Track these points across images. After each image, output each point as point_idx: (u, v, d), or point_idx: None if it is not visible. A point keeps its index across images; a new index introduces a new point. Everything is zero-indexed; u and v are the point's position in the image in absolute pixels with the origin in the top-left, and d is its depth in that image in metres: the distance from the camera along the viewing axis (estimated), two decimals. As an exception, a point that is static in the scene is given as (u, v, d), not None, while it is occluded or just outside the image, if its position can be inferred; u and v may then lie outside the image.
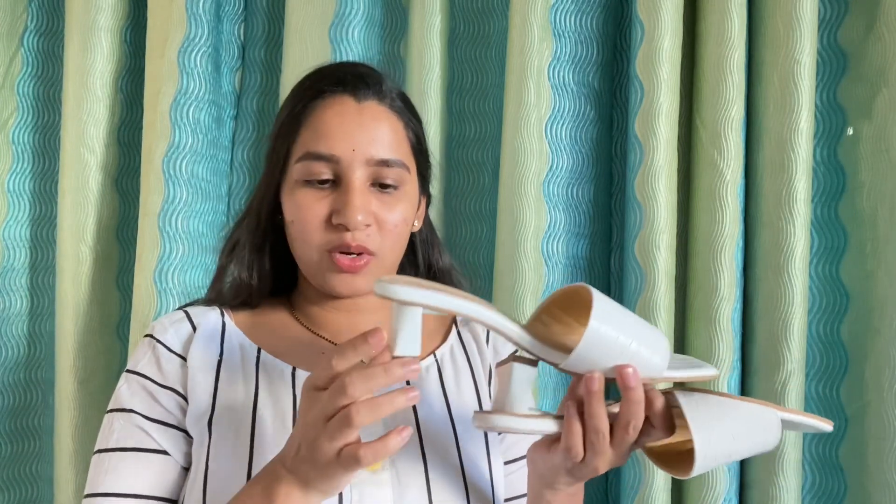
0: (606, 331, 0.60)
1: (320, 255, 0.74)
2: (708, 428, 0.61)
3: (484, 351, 0.82)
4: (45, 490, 1.21)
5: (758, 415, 0.65)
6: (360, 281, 0.74)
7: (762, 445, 0.65)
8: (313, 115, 0.74)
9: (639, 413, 0.61)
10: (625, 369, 0.60)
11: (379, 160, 0.73)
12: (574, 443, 0.62)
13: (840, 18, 1.02)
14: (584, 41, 1.09)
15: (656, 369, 0.62)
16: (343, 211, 0.71)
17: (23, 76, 1.21)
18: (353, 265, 0.73)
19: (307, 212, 0.73)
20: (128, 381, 0.73)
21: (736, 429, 0.63)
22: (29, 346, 1.21)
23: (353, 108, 0.74)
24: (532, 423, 0.64)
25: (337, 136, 0.73)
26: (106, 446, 0.71)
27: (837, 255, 1.02)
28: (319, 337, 0.78)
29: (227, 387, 0.72)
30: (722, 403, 0.64)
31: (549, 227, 1.07)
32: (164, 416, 0.71)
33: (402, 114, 0.77)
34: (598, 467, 0.64)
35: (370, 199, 0.73)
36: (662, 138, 0.99)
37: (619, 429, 0.62)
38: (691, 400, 0.63)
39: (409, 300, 0.58)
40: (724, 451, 0.62)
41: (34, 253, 1.22)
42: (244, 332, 0.77)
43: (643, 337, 0.62)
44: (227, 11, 1.18)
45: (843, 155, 1.02)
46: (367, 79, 0.76)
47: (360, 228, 0.72)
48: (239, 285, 0.80)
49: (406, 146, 0.77)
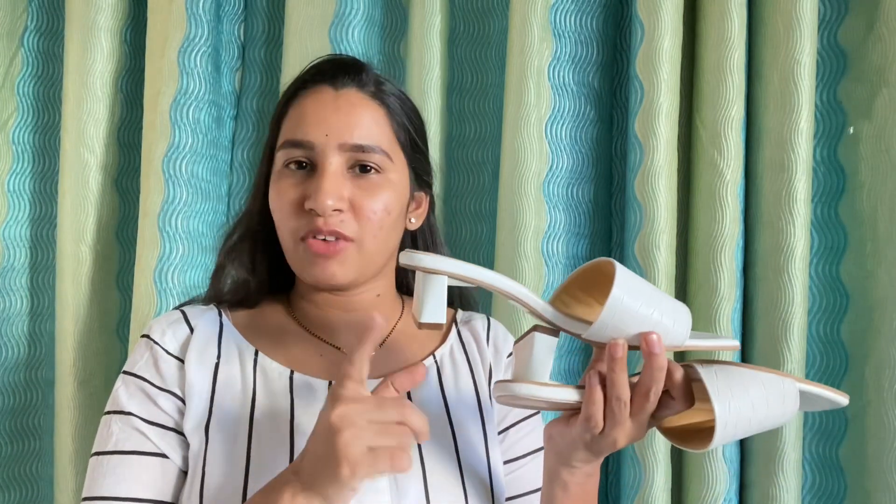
0: (629, 300, 0.61)
1: (295, 242, 0.73)
2: (727, 396, 0.62)
3: (484, 350, 0.82)
4: (46, 490, 1.21)
5: (777, 384, 0.65)
6: (335, 266, 0.72)
7: (780, 416, 0.65)
8: (294, 106, 0.75)
9: (660, 380, 0.61)
10: (649, 335, 0.61)
11: (353, 145, 0.72)
12: (594, 412, 0.62)
13: (840, 18, 1.02)
14: (584, 41, 1.09)
15: (678, 338, 0.63)
16: (313, 196, 0.71)
17: (23, 76, 1.21)
18: (327, 248, 0.72)
19: (283, 198, 0.73)
20: (125, 384, 0.73)
21: (755, 398, 0.63)
22: (29, 347, 1.21)
23: (330, 96, 0.74)
24: (553, 392, 0.64)
25: (312, 122, 0.73)
26: (104, 449, 0.70)
27: (837, 255, 1.02)
28: (317, 337, 0.78)
29: (225, 390, 0.72)
30: (741, 373, 0.64)
31: (549, 227, 1.07)
32: (162, 419, 0.71)
33: (384, 103, 0.76)
34: (616, 439, 0.63)
35: (344, 183, 0.72)
36: (662, 138, 0.99)
37: (638, 396, 0.62)
38: (710, 370, 0.64)
39: (435, 268, 0.61)
40: (744, 420, 0.62)
41: (34, 253, 1.22)
42: (242, 333, 0.77)
43: (665, 307, 0.63)
44: (227, 11, 1.18)
45: (843, 155, 1.02)
46: (348, 68, 0.76)
47: (331, 213, 0.71)
48: (237, 284, 0.80)
49: (388, 134, 0.75)
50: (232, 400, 0.71)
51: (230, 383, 0.72)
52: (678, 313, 0.64)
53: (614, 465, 1.09)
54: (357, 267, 0.74)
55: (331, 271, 0.72)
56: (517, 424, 0.79)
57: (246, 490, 0.66)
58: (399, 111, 0.77)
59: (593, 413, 0.63)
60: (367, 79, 0.76)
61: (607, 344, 0.62)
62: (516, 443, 0.79)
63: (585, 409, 0.63)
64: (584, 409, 0.63)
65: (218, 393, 0.71)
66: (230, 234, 0.81)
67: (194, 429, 0.70)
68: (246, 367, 0.74)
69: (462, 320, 0.85)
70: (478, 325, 0.84)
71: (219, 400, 0.71)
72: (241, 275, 0.79)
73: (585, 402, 0.63)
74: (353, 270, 0.74)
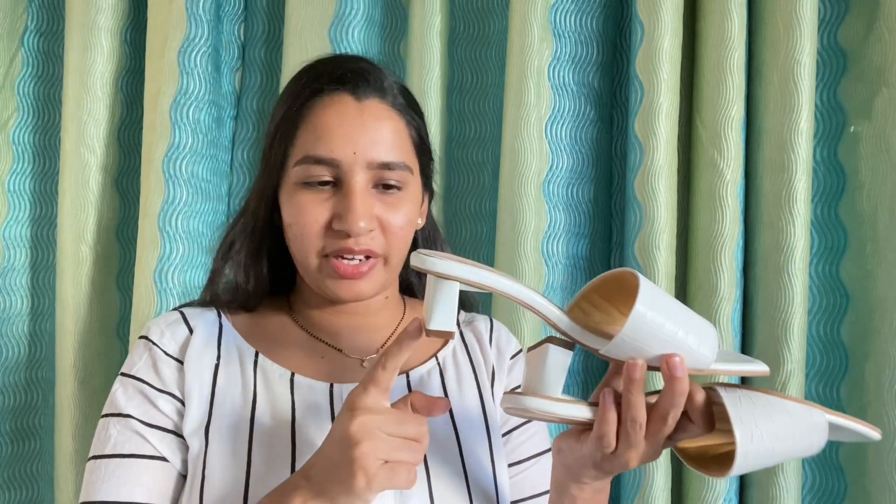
0: (653, 316, 0.58)
1: (320, 259, 0.72)
2: (750, 425, 0.58)
3: (487, 351, 0.81)
4: (46, 490, 1.21)
5: (804, 415, 0.61)
6: (364, 285, 0.72)
7: (806, 449, 0.61)
8: (312, 116, 0.71)
9: (680, 404, 0.58)
10: (672, 358, 0.57)
11: (381, 163, 0.70)
12: (607, 431, 0.60)
13: (840, 18, 1.02)
14: (584, 41, 1.09)
15: (704, 361, 0.60)
16: (345, 217, 0.69)
17: (23, 76, 1.21)
18: (357, 271, 0.70)
19: (307, 216, 0.70)
20: (123, 385, 0.71)
21: (780, 428, 0.59)
22: (29, 346, 1.21)
23: (354, 108, 0.71)
24: (565, 409, 0.61)
25: (337, 139, 0.70)
26: (102, 452, 0.69)
27: (837, 255, 1.02)
28: (318, 340, 0.77)
29: (225, 392, 0.71)
30: (767, 401, 0.60)
31: (549, 227, 1.07)
32: (162, 422, 0.70)
33: (404, 112, 0.74)
34: (629, 461, 0.61)
35: (372, 202, 0.71)
36: (662, 138, 0.99)
37: (656, 419, 0.59)
38: (734, 395, 0.60)
39: (448, 274, 0.58)
40: (766, 450, 0.59)
41: (34, 253, 1.22)
42: (242, 334, 0.76)
43: (691, 325, 0.59)
44: (227, 11, 1.18)
45: (843, 155, 1.02)
46: (368, 75, 0.73)
47: (363, 234, 0.70)
48: (235, 288, 0.78)
49: (409, 146, 0.74)
50: (232, 402, 0.70)
51: (230, 385, 0.71)
52: (704, 333, 0.60)
53: (614, 464, 1.09)
54: (383, 281, 0.74)
55: (358, 290, 0.72)
56: (521, 427, 0.79)
57: (247, 494, 0.65)
58: (412, 115, 0.75)
59: (606, 433, 0.60)
60: (388, 86, 0.74)
61: (625, 363, 0.59)
62: (520, 445, 0.78)
63: (598, 428, 0.60)
64: (596, 429, 0.61)
65: (217, 395, 0.71)
66: (226, 237, 0.79)
67: (194, 431, 0.69)
68: (246, 368, 0.73)
69: (464, 321, 0.84)
70: (480, 326, 0.83)
71: (218, 402, 0.70)
72: (240, 279, 0.78)
73: (598, 422, 0.60)
74: (380, 285, 0.73)
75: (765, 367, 0.63)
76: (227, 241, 0.79)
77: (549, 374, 0.61)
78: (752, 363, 0.63)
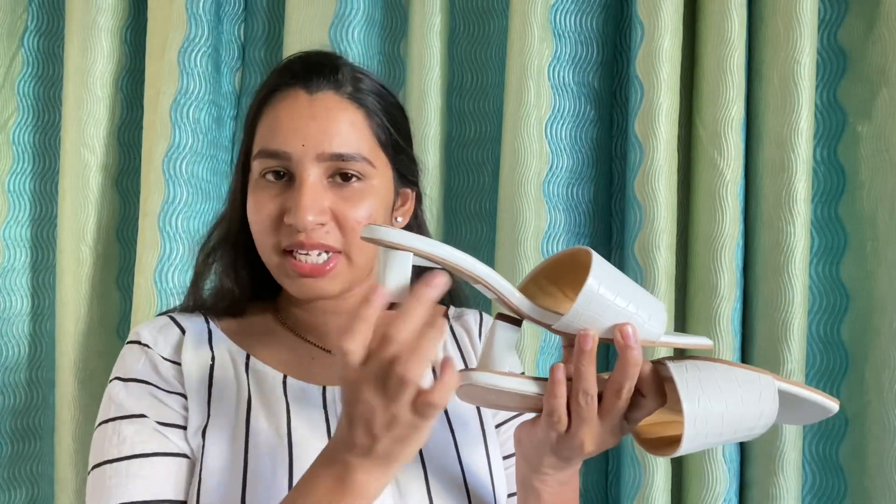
0: (604, 290, 0.58)
1: (278, 257, 0.70)
2: (696, 391, 0.58)
3: (476, 344, 0.81)
4: (46, 490, 1.21)
5: (752, 380, 0.61)
6: (325, 283, 0.70)
7: (757, 417, 0.60)
8: (268, 111, 0.71)
9: (634, 375, 0.58)
10: (624, 327, 0.58)
11: (332, 154, 0.69)
12: (556, 406, 0.59)
13: (840, 18, 1.02)
14: (584, 41, 1.09)
15: (653, 335, 0.60)
16: (293, 211, 0.67)
17: (23, 76, 1.21)
18: (316, 269, 0.68)
19: (261, 211, 0.70)
20: (127, 389, 0.70)
21: (728, 394, 0.59)
22: (30, 346, 1.21)
23: (305, 101, 0.70)
24: (513, 382, 0.61)
25: (287, 131, 0.69)
26: (119, 455, 0.66)
27: (837, 255, 1.02)
28: (307, 342, 0.77)
29: (220, 393, 0.70)
30: (714, 368, 0.61)
31: (549, 227, 1.07)
32: (176, 420, 0.69)
33: (363, 104, 0.72)
34: (583, 441, 0.60)
35: (324, 195, 0.69)
36: (662, 138, 0.98)
37: (609, 393, 0.59)
38: (680, 366, 0.60)
39: (400, 243, 0.56)
40: (715, 417, 0.58)
41: (34, 253, 1.22)
42: (231, 337, 0.75)
43: (641, 301, 0.60)
44: (227, 11, 1.18)
45: (843, 155, 1.02)
46: (322, 68, 0.72)
47: (312, 228, 0.68)
48: (220, 293, 0.77)
49: (368, 138, 0.71)
50: (228, 404, 0.70)
51: (225, 386, 0.71)
52: (654, 308, 0.61)
53: (614, 465, 1.09)
54: (347, 279, 0.71)
55: (320, 288, 0.70)
56: (512, 420, 0.79)
57: (244, 498, 0.64)
58: (378, 110, 0.73)
59: (555, 407, 0.59)
60: (344, 78, 0.72)
61: (577, 335, 0.59)
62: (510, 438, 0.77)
63: (547, 402, 0.60)
64: (546, 404, 0.60)
65: (214, 395, 0.70)
66: (206, 241, 0.78)
67: (194, 432, 0.69)
68: (239, 370, 0.72)
69: (454, 316, 0.84)
70: (469, 319, 0.83)
71: (215, 402, 0.70)
72: (224, 284, 0.77)
73: (547, 396, 0.60)
74: (344, 282, 0.71)
75: (708, 341, 0.64)
76: (208, 245, 0.78)
77: (497, 349, 0.61)
78: (695, 337, 0.64)
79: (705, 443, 0.60)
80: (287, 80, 0.72)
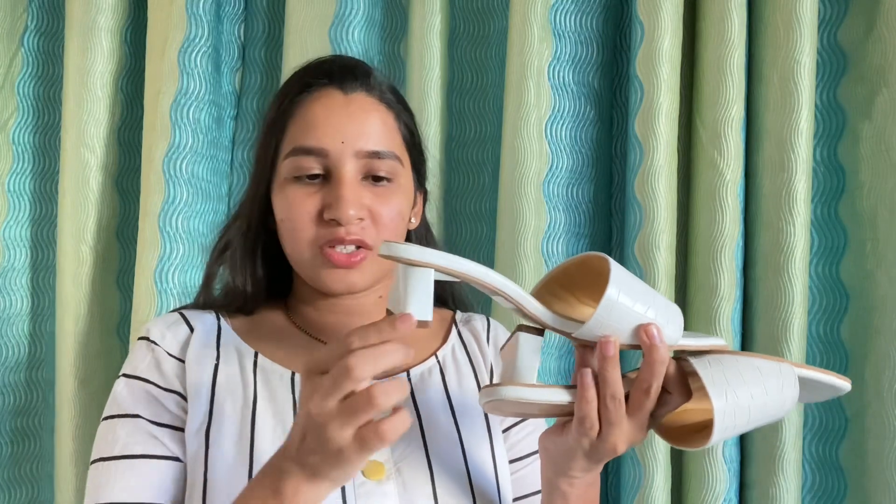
0: (624, 298, 0.59)
1: (312, 251, 0.72)
2: (723, 385, 0.59)
3: (485, 349, 0.81)
4: (46, 490, 1.21)
5: (773, 369, 0.62)
6: (356, 276, 0.72)
7: (780, 404, 0.62)
8: (300, 110, 0.73)
9: (661, 374, 0.59)
10: (649, 327, 0.59)
11: (369, 152, 0.71)
12: (588, 411, 0.60)
13: (840, 18, 1.02)
14: (584, 41, 1.09)
15: (671, 338, 0.61)
16: (335, 205, 0.69)
17: (23, 76, 1.21)
18: (349, 260, 0.71)
19: (298, 208, 0.71)
20: (128, 386, 0.71)
21: (752, 385, 0.60)
22: (29, 347, 1.21)
23: (341, 101, 0.73)
24: (543, 393, 0.61)
25: (325, 129, 0.71)
26: (110, 454, 0.68)
27: (837, 255, 1.02)
28: (317, 340, 0.77)
29: (225, 392, 0.71)
30: (735, 360, 0.62)
31: (549, 227, 1.07)
32: (171, 421, 0.70)
33: (392, 106, 0.76)
34: (615, 443, 0.61)
35: (362, 192, 0.71)
36: (662, 138, 0.99)
37: (637, 393, 0.60)
38: (702, 360, 0.61)
39: (421, 260, 0.57)
40: (742, 408, 0.60)
41: (34, 253, 1.22)
42: (240, 336, 0.76)
43: (659, 306, 0.61)
44: (227, 11, 1.18)
45: (843, 155, 1.02)
46: (355, 70, 0.75)
47: (353, 222, 0.70)
48: (232, 291, 0.78)
49: (398, 139, 0.75)
50: (233, 403, 0.70)
51: (230, 385, 0.71)
52: (671, 313, 0.62)
53: (614, 465, 1.09)
54: (375, 273, 0.74)
55: (351, 280, 0.72)
56: (520, 424, 0.79)
57: None
58: (403, 112, 0.77)
59: (588, 413, 0.60)
60: (375, 82, 0.75)
61: (598, 343, 0.60)
62: (519, 442, 0.78)
63: (579, 409, 0.60)
64: (577, 410, 0.61)
65: (218, 395, 0.70)
66: (220, 240, 0.79)
67: (194, 432, 0.69)
68: (246, 369, 0.73)
69: (461, 320, 0.85)
70: (477, 324, 0.84)
71: (219, 402, 0.70)
72: (237, 282, 0.78)
73: (578, 402, 0.60)
74: (372, 277, 0.73)
75: (722, 341, 0.65)
76: (221, 243, 0.79)
77: (523, 361, 0.62)
78: (710, 339, 0.65)
79: (732, 433, 0.62)
80: (321, 80, 0.74)
